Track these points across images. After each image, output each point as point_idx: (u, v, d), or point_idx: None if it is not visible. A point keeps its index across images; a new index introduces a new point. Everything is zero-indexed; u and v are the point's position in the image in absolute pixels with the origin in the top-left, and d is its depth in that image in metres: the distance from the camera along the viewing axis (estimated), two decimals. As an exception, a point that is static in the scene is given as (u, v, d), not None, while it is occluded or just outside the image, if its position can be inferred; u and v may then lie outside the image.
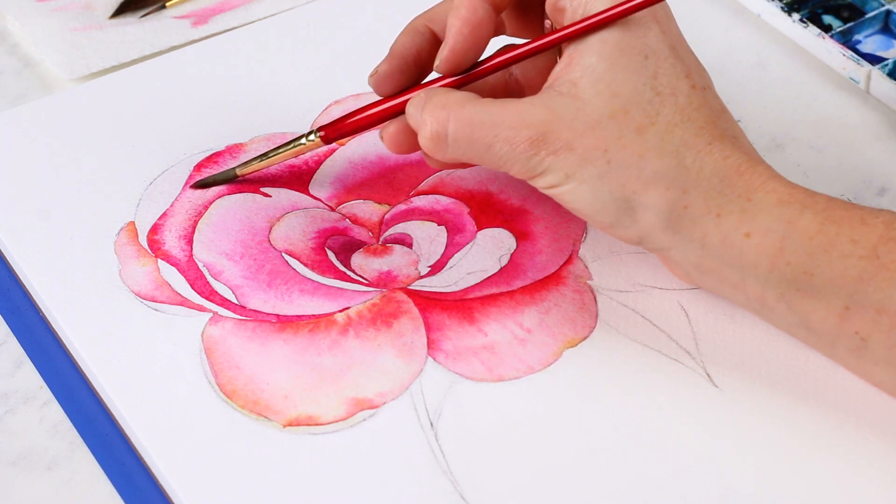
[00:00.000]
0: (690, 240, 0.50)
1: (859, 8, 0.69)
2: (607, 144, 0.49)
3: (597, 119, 0.49)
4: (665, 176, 0.49)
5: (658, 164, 0.49)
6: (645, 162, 0.49)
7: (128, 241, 0.58)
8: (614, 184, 0.49)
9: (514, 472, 0.50)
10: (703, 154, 0.49)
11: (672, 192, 0.49)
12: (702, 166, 0.49)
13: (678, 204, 0.49)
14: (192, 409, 0.52)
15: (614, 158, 0.49)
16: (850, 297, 0.48)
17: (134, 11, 0.71)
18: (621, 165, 0.49)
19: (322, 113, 0.64)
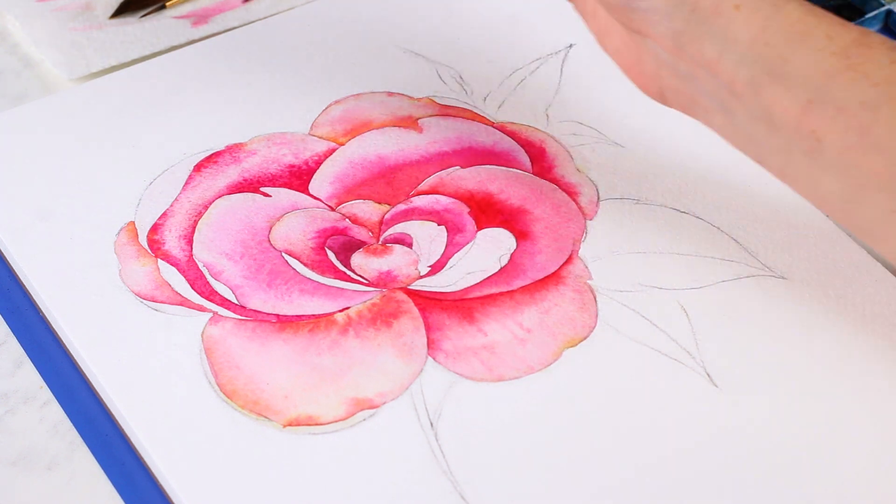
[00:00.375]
0: (682, 2, 0.51)
1: (859, 8, 0.69)
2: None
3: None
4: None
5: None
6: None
7: (128, 241, 0.58)
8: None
9: (514, 472, 0.50)
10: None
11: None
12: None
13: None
14: (192, 409, 0.52)
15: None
16: (815, 91, 0.49)
17: (134, 11, 0.71)
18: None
19: (322, 112, 0.64)
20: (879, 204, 0.49)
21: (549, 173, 0.61)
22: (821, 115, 0.49)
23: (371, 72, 0.66)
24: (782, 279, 0.56)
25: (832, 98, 0.49)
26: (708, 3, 0.50)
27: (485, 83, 0.66)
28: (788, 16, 0.50)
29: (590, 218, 0.59)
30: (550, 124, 0.64)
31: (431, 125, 0.64)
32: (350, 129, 0.63)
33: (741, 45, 0.50)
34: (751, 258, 0.57)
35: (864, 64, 0.49)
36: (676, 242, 0.58)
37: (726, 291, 0.56)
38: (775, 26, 0.50)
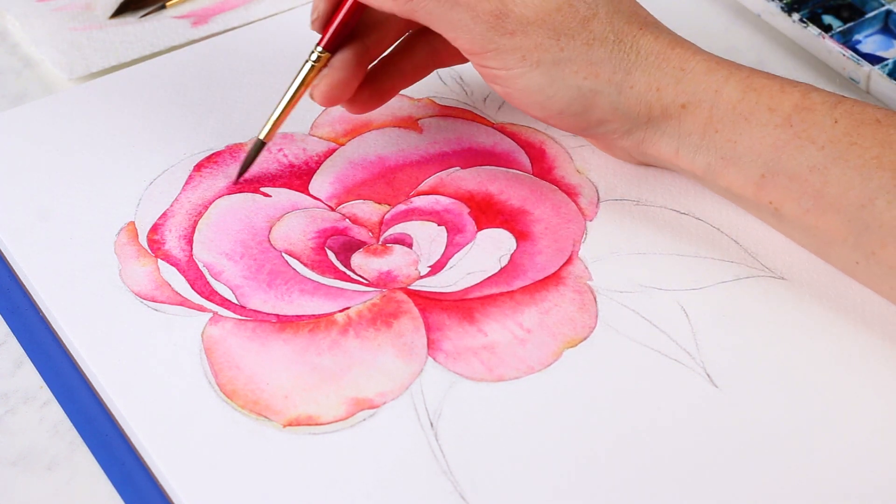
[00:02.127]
0: (637, 117, 0.55)
1: (859, 8, 0.69)
2: (559, 34, 0.54)
3: (546, 11, 0.54)
4: (611, 60, 0.54)
5: (604, 51, 0.54)
6: (593, 50, 0.54)
7: (128, 241, 0.58)
8: (568, 70, 0.54)
9: (514, 472, 0.50)
10: (638, 38, 0.55)
11: (619, 74, 0.54)
12: (639, 47, 0.55)
13: (625, 84, 0.55)
14: (192, 409, 0.52)
15: (567, 47, 0.54)
16: (766, 166, 0.53)
17: (134, 11, 0.71)
18: (573, 53, 0.54)
19: (322, 113, 0.64)
20: (844, 257, 0.53)
21: (549, 174, 0.61)
22: (775, 187, 0.53)
23: (371, 72, 0.66)
24: (782, 280, 0.56)
25: (783, 168, 0.52)
26: (658, 111, 0.54)
27: (485, 84, 0.66)
28: (730, 98, 0.53)
29: (590, 219, 0.59)
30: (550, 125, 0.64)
31: (431, 126, 0.64)
32: (350, 130, 0.63)
33: (695, 136, 0.54)
34: (751, 259, 0.57)
35: (808, 129, 0.52)
36: (676, 243, 0.58)
37: (726, 292, 0.56)
38: (720, 114, 0.53)
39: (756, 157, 0.53)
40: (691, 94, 0.54)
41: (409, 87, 0.61)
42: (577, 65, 0.54)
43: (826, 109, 0.52)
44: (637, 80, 0.54)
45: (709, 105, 0.54)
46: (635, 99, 0.55)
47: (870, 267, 0.52)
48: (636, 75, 0.54)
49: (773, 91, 0.53)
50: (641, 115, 0.55)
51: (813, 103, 0.52)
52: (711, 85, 0.54)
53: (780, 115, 0.52)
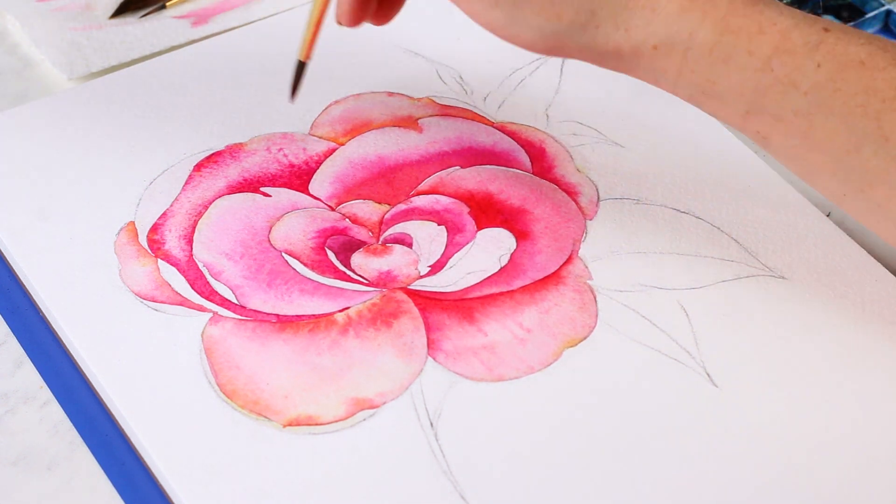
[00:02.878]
0: (605, 52, 0.53)
1: (859, 8, 0.69)
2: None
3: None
4: (573, 1, 0.52)
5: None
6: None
7: (128, 240, 0.58)
8: (528, 11, 0.52)
9: (514, 472, 0.50)
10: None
11: (582, 15, 0.52)
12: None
13: (590, 24, 0.52)
14: (192, 409, 0.52)
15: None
16: (750, 104, 0.51)
17: (134, 11, 0.71)
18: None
19: (322, 113, 0.64)
20: (832, 188, 0.52)
21: (549, 173, 0.61)
22: (761, 122, 0.52)
23: (371, 72, 0.66)
24: (782, 279, 0.56)
25: (766, 110, 0.51)
26: (628, 49, 0.52)
27: (485, 83, 0.66)
28: (705, 42, 0.51)
29: (590, 218, 0.59)
30: (550, 124, 0.64)
31: (431, 125, 0.64)
32: (350, 129, 0.63)
33: (670, 74, 0.52)
34: (751, 258, 0.57)
35: (790, 73, 0.50)
36: (676, 242, 0.58)
37: (726, 291, 0.56)
38: (695, 57, 0.51)
39: (738, 97, 0.51)
40: (663, 37, 0.51)
41: None
42: (537, 5, 0.52)
43: (807, 52, 0.50)
44: (603, 21, 0.52)
45: (682, 48, 0.51)
46: (602, 39, 0.52)
47: (857, 202, 0.51)
48: (601, 15, 0.52)
49: (751, 32, 0.51)
50: (610, 53, 0.53)
51: (794, 45, 0.50)
52: (685, 27, 0.51)
53: (759, 58, 0.50)
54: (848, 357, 0.54)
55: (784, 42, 0.50)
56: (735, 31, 0.51)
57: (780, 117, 0.51)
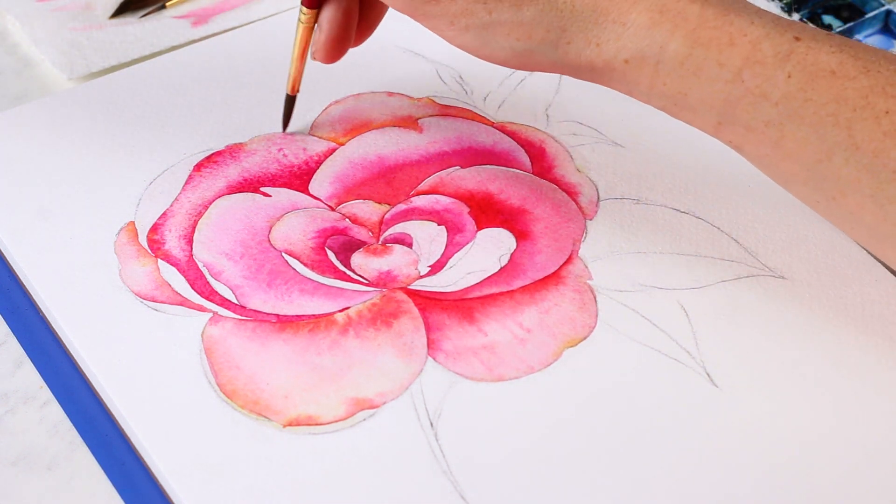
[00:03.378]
0: (578, 67, 0.53)
1: (859, 8, 0.69)
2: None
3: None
4: (543, 20, 0.52)
5: (534, 10, 0.52)
6: (522, 10, 0.52)
7: (128, 240, 0.58)
8: (498, 33, 0.53)
9: (514, 472, 0.50)
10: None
11: (553, 33, 0.52)
12: (573, 3, 0.52)
13: (561, 41, 0.52)
14: (192, 409, 0.52)
15: (495, 9, 0.52)
16: (721, 115, 0.51)
17: (134, 11, 0.71)
18: (502, 15, 0.52)
19: (322, 112, 0.64)
20: (805, 195, 0.52)
21: (549, 173, 0.61)
22: (732, 133, 0.52)
23: (371, 72, 0.66)
24: (782, 279, 0.56)
25: (738, 120, 0.51)
26: (600, 64, 0.52)
27: (485, 83, 0.66)
28: (676, 54, 0.51)
29: (590, 218, 0.59)
30: (550, 124, 0.64)
31: (431, 125, 0.64)
32: (350, 129, 0.63)
33: (642, 86, 0.52)
34: (751, 258, 0.57)
35: (761, 85, 0.50)
36: (676, 242, 0.58)
37: (726, 291, 0.56)
38: (666, 70, 0.51)
39: (709, 108, 0.52)
40: (634, 50, 0.51)
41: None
42: (507, 27, 0.52)
43: (778, 62, 0.50)
44: (573, 37, 0.52)
45: (654, 61, 0.51)
46: (574, 55, 0.52)
47: (830, 208, 0.51)
48: (572, 31, 0.52)
49: (721, 44, 0.50)
50: (583, 67, 0.53)
51: (764, 56, 0.50)
52: (655, 40, 0.51)
53: (729, 70, 0.50)
54: (848, 357, 0.54)
55: (754, 53, 0.50)
56: (705, 44, 0.51)
57: (752, 128, 0.51)
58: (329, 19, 0.58)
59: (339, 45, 0.59)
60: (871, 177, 0.49)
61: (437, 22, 0.54)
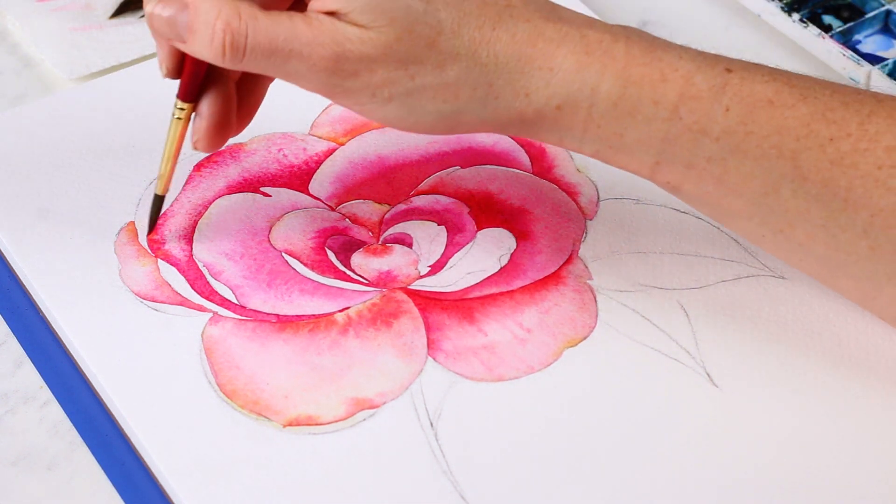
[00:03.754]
0: (508, 121, 0.51)
1: (859, 8, 0.69)
2: (406, 63, 0.49)
3: (386, 44, 0.49)
4: (468, 78, 0.50)
5: (458, 70, 0.49)
6: (445, 71, 0.49)
7: (128, 241, 0.58)
8: (424, 98, 0.50)
9: (514, 472, 0.50)
10: (493, 43, 0.50)
11: (480, 89, 0.50)
12: (496, 55, 0.50)
13: (489, 97, 0.50)
14: (192, 409, 0.52)
15: (417, 74, 0.49)
16: (659, 154, 0.50)
17: (134, 11, 0.71)
18: (425, 79, 0.50)
19: (322, 113, 0.64)
20: (750, 231, 0.51)
21: (549, 173, 0.61)
22: (671, 172, 0.51)
23: (371, 72, 0.66)
24: (782, 279, 0.56)
25: (677, 158, 0.50)
26: (531, 113, 0.50)
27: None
28: (609, 96, 0.49)
29: (590, 218, 0.59)
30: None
31: (431, 125, 0.64)
32: (350, 129, 0.63)
33: (576, 131, 0.51)
34: (750, 258, 0.57)
35: (700, 120, 0.49)
36: (676, 242, 0.58)
37: (726, 291, 0.56)
38: (600, 112, 0.50)
39: (647, 148, 0.50)
40: (565, 96, 0.49)
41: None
42: (432, 91, 0.50)
43: (714, 95, 0.49)
44: (501, 91, 0.50)
45: (587, 104, 0.50)
46: (504, 109, 0.50)
47: (777, 241, 0.51)
48: (499, 85, 0.50)
49: (653, 81, 0.49)
50: (513, 121, 0.51)
51: (699, 90, 0.49)
52: (587, 82, 0.49)
53: (665, 107, 0.49)
54: (848, 357, 0.54)
55: (688, 88, 0.49)
56: (637, 82, 0.49)
57: (692, 165, 0.50)
58: (210, 106, 0.53)
59: (222, 132, 0.54)
60: (821, 207, 0.48)
61: (358, 96, 0.50)
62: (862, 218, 0.48)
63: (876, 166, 0.47)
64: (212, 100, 0.53)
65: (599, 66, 0.49)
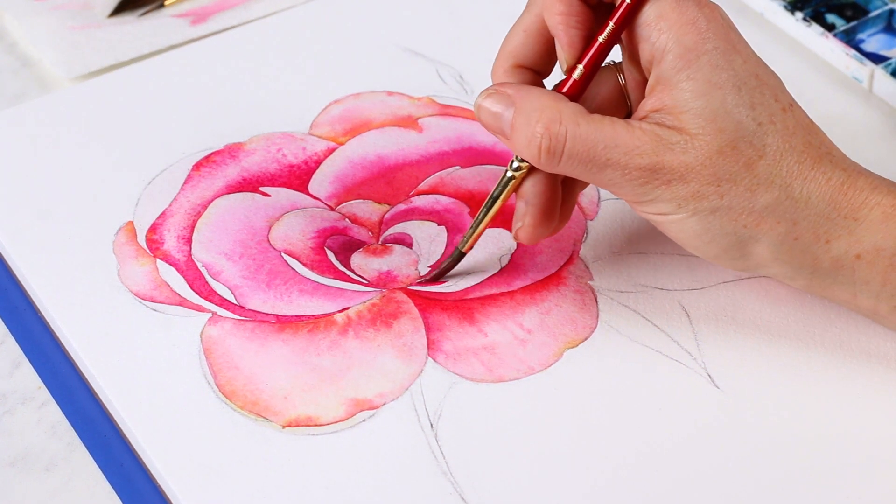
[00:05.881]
0: (801, 267, 0.50)
1: (863, 7, 0.69)
2: (720, 180, 0.49)
3: (706, 154, 0.49)
4: (776, 210, 0.49)
5: (769, 198, 0.49)
6: (756, 197, 0.49)
7: (126, 240, 0.58)
8: (726, 218, 0.49)
9: (514, 472, 0.50)
10: (809, 181, 0.49)
11: (783, 225, 0.49)
12: (809, 194, 0.49)
13: (789, 236, 0.49)
14: (191, 409, 0.52)
15: (727, 193, 0.49)
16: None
17: (133, 10, 0.70)
18: (734, 200, 0.49)
19: (322, 112, 0.64)
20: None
21: (549, 173, 0.61)
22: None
23: (371, 71, 0.66)
24: (784, 280, 0.56)
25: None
26: (826, 263, 0.50)
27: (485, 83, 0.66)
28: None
29: (590, 218, 0.59)
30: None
31: (431, 125, 0.64)
32: (350, 129, 0.63)
33: (874, 285, 0.50)
34: (752, 258, 0.57)
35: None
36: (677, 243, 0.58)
37: (727, 292, 0.56)
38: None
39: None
40: (868, 244, 0.49)
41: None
42: (736, 213, 0.49)
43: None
44: (803, 232, 0.49)
45: (889, 253, 0.49)
46: (800, 251, 0.50)
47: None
48: (803, 226, 0.49)
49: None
50: (806, 266, 0.50)
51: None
52: (891, 232, 0.49)
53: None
54: (849, 358, 0.53)
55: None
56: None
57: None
58: (537, 193, 0.52)
59: (546, 222, 0.53)
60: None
61: (663, 206, 0.50)
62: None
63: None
64: (539, 186, 0.52)
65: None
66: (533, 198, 0.53)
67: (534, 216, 0.53)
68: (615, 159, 0.49)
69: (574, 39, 0.51)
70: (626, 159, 0.49)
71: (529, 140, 0.50)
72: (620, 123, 0.50)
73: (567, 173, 0.51)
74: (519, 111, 0.51)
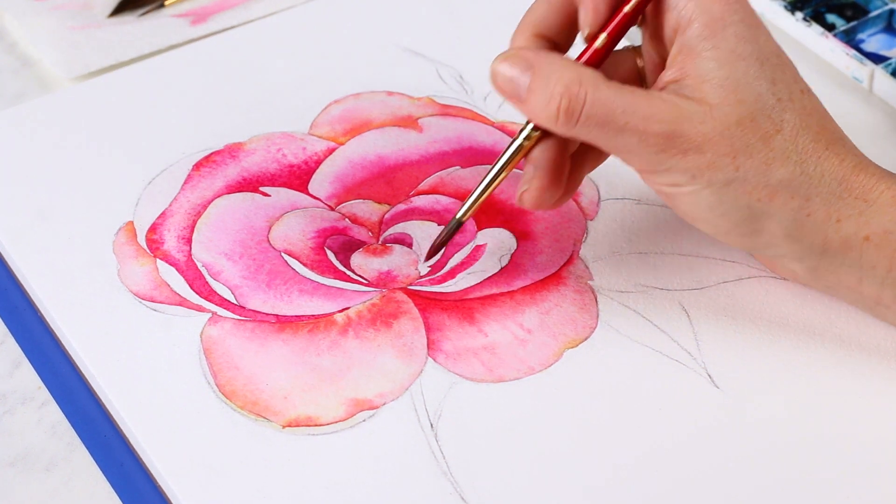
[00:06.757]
0: (811, 246, 0.50)
1: (863, 7, 0.69)
2: (736, 151, 0.49)
3: (725, 125, 0.49)
4: (790, 184, 0.49)
5: (784, 173, 0.49)
6: (772, 170, 0.49)
7: (126, 240, 0.58)
8: (740, 191, 0.49)
9: (514, 473, 0.50)
10: (823, 160, 0.50)
11: (796, 200, 0.49)
12: (822, 172, 0.49)
13: (801, 212, 0.49)
14: (191, 409, 0.52)
15: (743, 165, 0.49)
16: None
17: (133, 10, 0.70)
18: (749, 173, 0.49)
19: (322, 112, 0.64)
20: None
21: (549, 173, 0.61)
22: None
23: (371, 71, 0.66)
24: (783, 280, 0.56)
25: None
26: (836, 243, 0.50)
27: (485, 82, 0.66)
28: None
29: (590, 218, 0.59)
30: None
31: (431, 125, 0.64)
32: (350, 129, 0.63)
33: (880, 269, 0.50)
34: (752, 259, 0.57)
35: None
36: (677, 243, 0.58)
37: (727, 292, 0.56)
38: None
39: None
40: (876, 226, 0.49)
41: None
42: (751, 186, 0.49)
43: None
44: (815, 209, 0.49)
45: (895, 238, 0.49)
46: (811, 228, 0.50)
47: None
48: (815, 203, 0.49)
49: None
50: (816, 245, 0.50)
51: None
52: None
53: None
54: (849, 358, 0.53)
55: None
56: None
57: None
58: (547, 158, 0.52)
59: (553, 189, 0.52)
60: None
61: (677, 177, 0.49)
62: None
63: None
64: (550, 152, 0.52)
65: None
66: (543, 162, 0.52)
67: (541, 179, 0.52)
68: (633, 124, 0.49)
69: (599, 5, 0.51)
70: (644, 125, 0.49)
71: (548, 101, 0.49)
72: (640, 91, 0.49)
73: (583, 137, 0.50)
74: (537, 74, 0.50)
